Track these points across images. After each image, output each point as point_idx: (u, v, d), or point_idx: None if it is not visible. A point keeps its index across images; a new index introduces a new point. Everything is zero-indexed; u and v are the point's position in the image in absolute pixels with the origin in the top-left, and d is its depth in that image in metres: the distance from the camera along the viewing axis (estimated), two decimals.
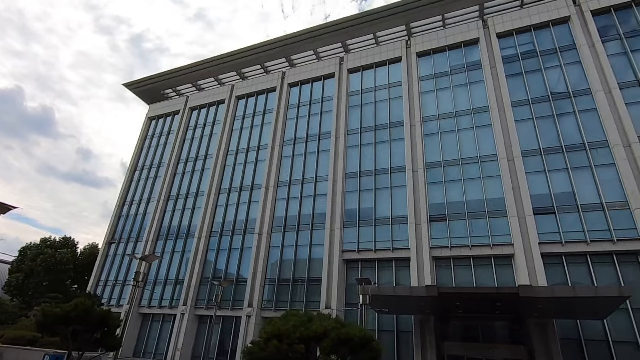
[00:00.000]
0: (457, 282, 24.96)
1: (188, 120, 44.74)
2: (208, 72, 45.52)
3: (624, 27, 27.83)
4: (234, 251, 33.54)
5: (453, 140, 29.33)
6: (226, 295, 30.83)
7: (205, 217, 36.04)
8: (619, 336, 20.44)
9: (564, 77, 28.01)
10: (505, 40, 31.50)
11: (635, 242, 21.48)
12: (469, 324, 24.16)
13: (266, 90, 41.04)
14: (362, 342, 16.14)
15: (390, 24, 37.15)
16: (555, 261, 23.10)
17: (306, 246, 30.58)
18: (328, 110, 36.23)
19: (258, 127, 39.34)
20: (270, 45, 41.48)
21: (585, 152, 24.88)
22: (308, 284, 29.06)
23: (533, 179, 25.39)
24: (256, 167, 36.86)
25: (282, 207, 33.33)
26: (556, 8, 30.55)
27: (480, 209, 26.05)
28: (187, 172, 40.83)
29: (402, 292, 21.83)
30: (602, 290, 18.20)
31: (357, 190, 30.76)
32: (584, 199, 23.65)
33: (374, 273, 27.55)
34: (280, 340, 16.04)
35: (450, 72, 32.38)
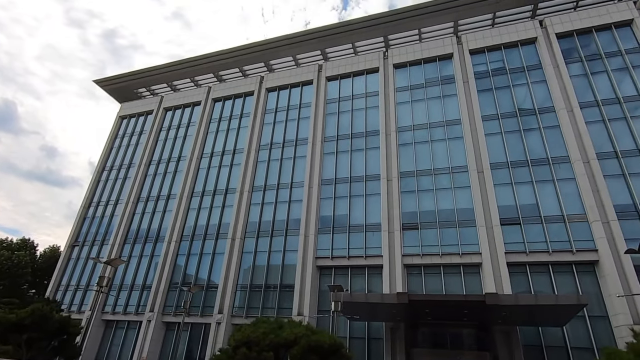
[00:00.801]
0: (427, 290, 25.47)
1: (162, 120, 43.64)
2: (184, 73, 44.69)
3: (585, 50, 29.69)
4: (205, 256, 32.82)
5: (426, 150, 30.13)
6: (195, 301, 30.05)
7: (176, 221, 35.11)
8: (577, 342, 21.49)
9: (531, 95, 29.48)
10: (477, 57, 32.83)
11: (592, 252, 22.74)
12: (437, 330, 24.69)
13: (243, 94, 40.74)
14: (332, 349, 16.16)
15: (369, 35, 37.93)
16: (519, 270, 24.06)
17: (279, 252, 30.36)
18: (305, 116, 36.37)
19: (234, 131, 38.90)
20: (248, 48, 41.30)
21: (549, 166, 26.20)
22: (280, 290, 28.81)
23: (500, 191, 26.43)
24: (231, 170, 36.37)
25: (256, 212, 32.99)
26: (524, 29, 32.20)
27: (451, 218, 26.82)
28: (159, 173, 39.72)
29: (373, 299, 22.05)
30: (562, 299, 19.15)
31: (332, 197, 30.94)
32: (547, 211, 24.85)
33: (346, 280, 27.69)
34: (249, 348, 15.82)
35: (425, 85, 33.36)
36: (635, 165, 24.38)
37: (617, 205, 23.29)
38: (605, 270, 21.80)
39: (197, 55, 43.38)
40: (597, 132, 26.16)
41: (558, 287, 23.06)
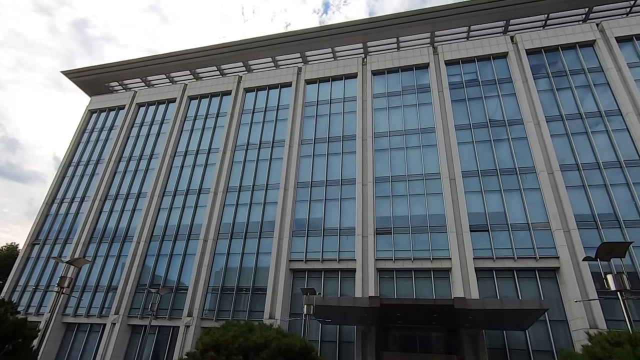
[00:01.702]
0: (399, 294, 25.91)
1: (134, 116, 42.27)
2: (159, 68, 43.54)
3: (552, 67, 31.29)
4: (176, 257, 31.96)
5: (401, 157, 30.73)
6: (164, 304, 29.20)
7: (146, 220, 34.02)
8: (538, 345, 22.45)
9: (501, 107, 30.71)
10: (452, 68, 33.88)
11: (554, 259, 23.89)
12: (407, 334, 25.13)
13: (220, 93, 40.14)
14: (302, 352, 16.09)
15: (348, 41, 38.36)
16: (486, 275, 24.92)
17: (253, 254, 30.02)
18: (283, 118, 36.26)
19: (210, 130, 38.22)
20: (227, 47, 40.79)
21: (516, 176, 27.34)
22: (252, 293, 28.46)
23: (471, 198, 27.32)
24: (205, 170, 35.68)
25: (229, 213, 32.50)
26: (497, 43, 33.55)
27: (423, 223, 27.43)
28: (129, 171, 38.40)
29: (345, 303, 22.18)
30: (525, 303, 19.98)
31: (307, 199, 30.95)
32: (513, 219, 25.90)
33: (319, 283, 27.73)
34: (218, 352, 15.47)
35: (402, 92, 34.07)
36: (594, 177, 25.86)
37: (577, 215, 24.60)
38: (565, 276, 22.94)
39: (174, 51, 42.42)
40: (561, 145, 27.58)
41: (522, 292, 24.05)
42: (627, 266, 22.23)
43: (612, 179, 25.51)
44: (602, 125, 27.74)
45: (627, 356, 10.64)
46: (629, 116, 27.02)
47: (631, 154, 25.99)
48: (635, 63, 29.35)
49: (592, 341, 12.51)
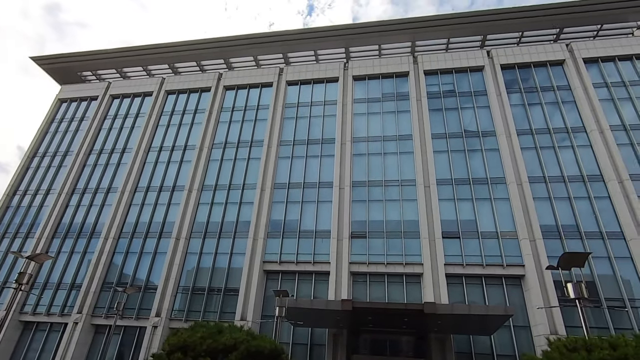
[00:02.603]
0: (371, 297, 26.20)
1: (107, 108, 40.81)
2: (136, 60, 42.29)
3: (524, 82, 32.69)
4: (145, 255, 31.02)
5: (379, 162, 31.17)
6: (131, 303, 28.26)
7: (115, 216, 32.85)
8: (502, 350, 23.28)
9: (476, 118, 31.76)
10: (431, 77, 34.74)
11: (520, 267, 24.88)
12: (378, 337, 25.45)
13: (200, 89, 39.41)
14: (272, 355, 16.00)
15: (331, 45, 38.63)
16: (456, 281, 25.62)
17: (226, 254, 29.57)
18: (262, 118, 36.02)
19: (187, 126, 37.42)
20: (208, 43, 40.15)
21: (487, 186, 28.32)
22: (224, 294, 28.01)
23: (444, 206, 28.04)
24: (180, 167, 34.88)
25: (204, 212, 31.90)
26: (473, 57, 34.70)
27: (397, 229, 27.91)
28: (100, 164, 37.00)
29: (318, 305, 22.22)
30: (491, 309, 20.73)
31: (284, 201, 30.83)
32: (483, 227, 26.79)
33: (293, 285, 27.65)
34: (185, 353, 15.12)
35: (382, 99, 34.62)
36: (559, 190, 27.17)
37: (542, 225, 25.75)
38: (530, 284, 23.93)
39: (152, 43, 41.35)
40: (530, 158, 28.81)
41: (489, 298, 24.88)
42: (586, 275, 23.42)
43: (576, 192, 26.88)
44: (568, 140, 29.21)
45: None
46: (593, 133, 28.59)
47: (593, 170, 27.50)
48: (599, 84, 31.10)
49: (551, 347, 13.06)
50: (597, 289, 23.28)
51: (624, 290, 23.07)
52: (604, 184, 26.75)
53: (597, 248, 24.52)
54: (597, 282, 23.52)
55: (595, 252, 24.27)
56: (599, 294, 23.12)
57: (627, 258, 24.02)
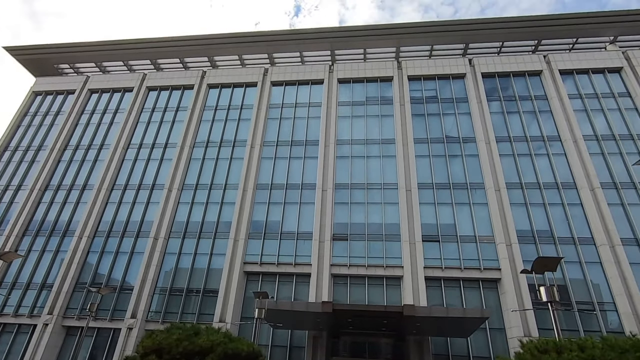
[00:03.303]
0: (352, 300, 26.31)
1: (85, 102, 39.57)
2: (117, 55, 41.26)
3: (504, 91, 33.63)
4: (122, 255, 30.18)
5: (361, 165, 31.40)
6: (105, 304, 27.42)
7: (91, 214, 31.83)
8: (478, 352, 23.78)
9: (457, 124, 32.44)
10: (414, 83, 35.29)
11: (496, 271, 25.51)
12: (357, 340, 25.57)
13: (182, 86, 38.74)
14: (249, 357, 15.85)
15: (316, 47, 38.76)
16: (435, 284, 26.03)
17: (206, 255, 29.11)
18: (246, 118, 35.72)
19: (168, 123, 36.69)
20: (192, 40, 39.60)
21: (467, 191, 28.94)
22: (203, 295, 27.55)
23: (424, 209, 28.48)
24: (160, 165, 34.15)
25: (184, 212, 31.32)
26: (456, 64, 35.47)
27: (379, 231, 28.16)
28: (75, 160, 35.80)
29: (298, 307, 22.16)
30: (468, 312, 21.14)
31: (266, 202, 30.63)
32: (462, 231, 27.35)
33: (274, 287, 27.47)
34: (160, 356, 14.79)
35: (366, 102, 34.92)
36: (534, 196, 28.04)
37: (518, 230, 26.49)
38: (505, 287, 24.56)
39: (134, 38, 40.44)
40: (508, 164, 29.63)
41: (466, 301, 25.39)
42: (559, 279, 24.24)
43: (550, 199, 27.80)
44: (544, 149, 30.20)
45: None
46: (567, 142, 29.67)
47: (567, 177, 28.52)
48: (574, 95, 32.34)
49: (523, 349, 13.38)
50: (569, 292, 24.12)
51: (593, 293, 23.99)
52: (576, 191, 27.78)
53: (569, 253, 25.42)
54: (569, 285, 24.37)
55: (568, 257, 25.17)
56: (571, 298, 23.96)
57: (596, 263, 25.00)
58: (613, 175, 28.01)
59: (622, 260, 24.32)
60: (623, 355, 11.03)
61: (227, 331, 17.17)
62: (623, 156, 28.72)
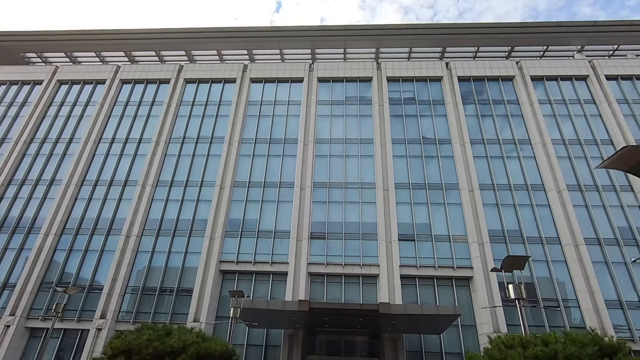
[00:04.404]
0: (328, 298, 26.44)
1: (54, 93, 37.85)
2: (89, 45, 39.73)
3: (478, 95, 34.63)
4: (91, 253, 29.10)
5: (340, 164, 31.57)
6: (73, 304, 26.36)
7: (58, 211, 30.50)
8: (450, 348, 24.43)
9: (433, 126, 33.14)
10: (393, 84, 35.77)
11: (469, 269, 26.27)
12: (333, 338, 25.73)
13: (158, 80, 37.68)
14: (222, 357, 15.70)
15: (296, 45, 38.65)
16: (410, 282, 26.54)
17: (180, 253, 28.50)
18: (224, 114, 35.17)
19: (142, 118, 35.63)
20: (168, 33, 38.66)
21: (442, 191, 29.64)
22: (177, 294, 26.97)
23: (401, 209, 28.96)
24: (134, 161, 33.13)
25: (158, 209, 30.52)
26: (433, 67, 36.22)
27: (356, 230, 28.41)
28: (42, 154, 34.21)
29: (275, 306, 22.07)
30: (441, 309, 21.71)
31: (244, 200, 30.30)
32: (437, 230, 28.00)
33: (250, 285, 27.23)
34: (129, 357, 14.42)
35: (345, 102, 35.13)
36: (505, 197, 29.05)
37: (490, 230, 27.36)
38: (477, 285, 25.34)
39: (108, 29, 39.12)
40: (482, 166, 30.54)
41: (440, 299, 26.02)
42: (527, 277, 25.22)
43: (520, 200, 28.88)
44: (515, 152, 31.32)
45: (517, 357, 12.05)
46: (536, 146, 30.88)
47: (536, 180, 29.69)
48: (544, 100, 33.68)
49: (491, 344, 13.91)
50: (536, 290, 25.15)
51: (558, 291, 25.12)
52: (544, 193, 28.97)
53: (537, 252, 26.51)
54: (536, 283, 25.41)
55: (535, 256, 26.23)
56: (537, 295, 24.99)
57: (562, 262, 26.18)
58: (578, 178, 29.39)
59: (585, 259, 25.58)
60: (583, 349, 11.66)
61: (200, 331, 16.91)
62: (587, 160, 30.17)
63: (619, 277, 25.34)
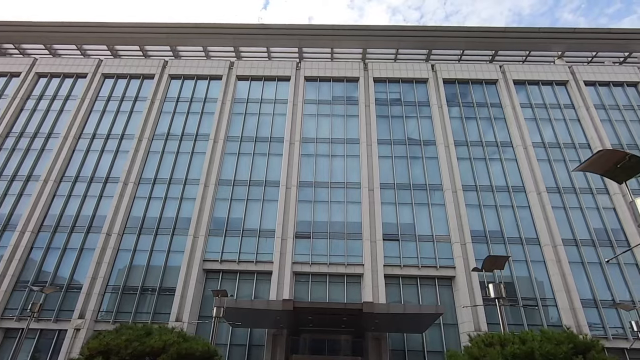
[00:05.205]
0: (313, 297, 26.45)
1: (32, 86, 36.66)
2: (69, 37, 38.57)
3: (463, 97, 35.20)
4: (70, 251, 28.34)
5: (326, 164, 31.62)
6: (50, 304, 25.64)
7: (35, 208, 29.58)
8: (432, 347, 24.78)
9: (419, 127, 33.52)
10: (379, 85, 36.02)
11: (451, 269, 26.69)
12: (317, 337, 25.76)
13: (142, 75, 36.95)
14: (203, 357, 15.56)
15: (284, 43, 38.43)
16: (394, 282, 26.80)
17: (163, 252, 28.03)
18: (210, 111, 34.74)
19: (125, 114, 34.86)
20: (153, 27, 37.90)
21: (426, 192, 30.01)
22: (159, 294, 26.52)
23: (386, 209, 29.20)
24: (115, 157, 32.40)
25: (140, 207, 29.95)
26: (419, 69, 36.62)
27: (341, 230, 28.51)
28: (19, 149, 33.10)
29: (258, 306, 21.97)
30: (424, 308, 22.02)
31: (228, 198, 30.02)
32: (421, 230, 28.35)
33: (234, 285, 27.01)
34: (107, 358, 14.13)
35: (332, 102, 35.19)
36: (488, 198, 29.62)
37: (472, 230, 27.87)
38: (459, 284, 25.77)
39: (90, 21, 38.03)
40: (465, 167, 31.07)
41: (423, 298, 26.36)
42: (507, 277, 25.79)
43: (502, 201, 29.50)
44: (497, 154, 31.98)
45: (496, 355, 12.34)
46: (518, 149, 31.60)
47: (517, 181, 30.39)
48: (525, 104, 34.48)
49: (471, 342, 14.20)
50: (515, 289, 25.75)
51: (537, 290, 25.79)
52: (525, 194, 29.67)
53: (517, 252, 27.14)
54: (516, 283, 26.01)
55: (515, 256, 26.86)
56: (517, 294, 25.59)
57: (540, 262, 26.88)
58: (557, 180, 30.20)
59: (563, 259, 26.33)
60: (558, 347, 12.02)
61: (181, 331, 16.73)
62: (566, 163, 31.04)
63: (594, 277, 26.18)
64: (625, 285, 25.87)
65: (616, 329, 24.58)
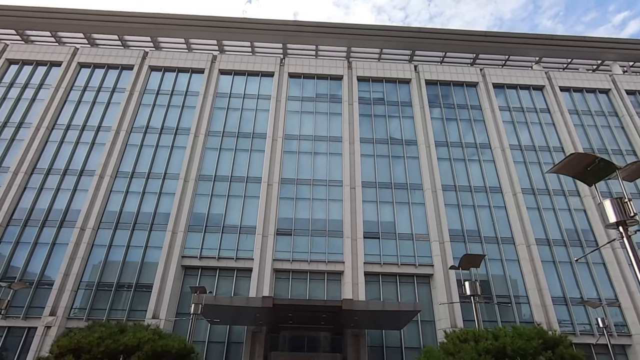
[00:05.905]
0: (293, 295, 26.44)
1: (1, 74, 34.93)
2: (43, 24, 37.01)
3: (444, 99, 35.83)
4: (41, 246, 27.29)
5: (308, 161, 31.59)
6: (19, 301, 24.62)
7: (4, 201, 28.27)
8: (410, 343, 25.21)
9: (400, 127, 33.92)
10: (363, 84, 36.21)
11: (430, 267, 27.21)
12: (296, 334, 25.77)
13: (120, 66, 35.83)
14: (180, 354, 15.34)
15: (268, 38, 38.10)
16: (374, 279, 27.10)
17: (140, 247, 27.38)
18: (191, 105, 34.07)
19: (102, 105, 33.76)
20: (133, 17, 36.83)
21: (407, 191, 30.44)
22: (136, 290, 25.91)
23: (367, 207, 29.46)
24: (91, 149, 31.35)
25: (116, 201, 29.12)
26: (402, 69, 37.02)
27: (322, 227, 28.58)
28: None
29: (238, 303, 21.82)
30: (403, 305, 22.39)
31: (209, 194, 29.59)
32: (401, 229, 28.75)
33: (213, 281, 26.68)
34: (78, 356, 13.70)
35: (316, 99, 35.14)
36: (466, 198, 30.32)
37: (451, 229, 28.48)
38: (437, 282, 26.31)
39: (66, 7, 36.61)
40: (445, 168, 31.67)
41: (402, 295, 26.78)
42: (483, 275, 26.49)
43: (479, 201, 30.26)
44: (476, 155, 32.74)
45: (470, 350, 12.72)
46: (496, 150, 32.45)
47: (494, 182, 31.22)
48: (504, 107, 35.42)
49: (447, 338, 14.58)
50: (490, 287, 26.49)
51: (511, 288, 26.63)
52: (501, 195, 30.53)
53: (492, 251, 27.91)
54: (491, 281, 26.77)
55: (491, 254, 27.61)
56: (492, 292, 26.34)
57: (515, 260, 27.76)
58: (532, 182, 31.20)
59: (536, 258, 27.27)
60: (528, 342, 12.51)
61: (157, 328, 16.42)
62: (541, 165, 32.09)
63: (565, 276, 27.25)
64: (593, 283, 27.06)
65: (584, 325, 25.69)
